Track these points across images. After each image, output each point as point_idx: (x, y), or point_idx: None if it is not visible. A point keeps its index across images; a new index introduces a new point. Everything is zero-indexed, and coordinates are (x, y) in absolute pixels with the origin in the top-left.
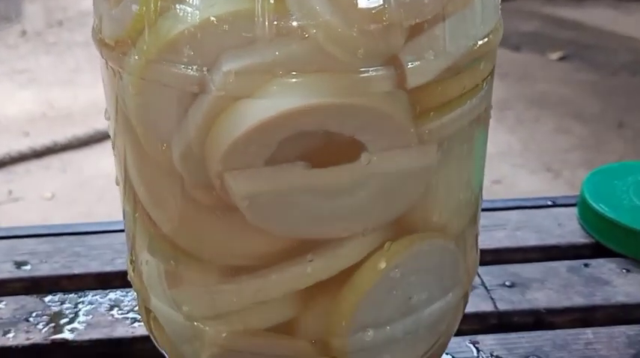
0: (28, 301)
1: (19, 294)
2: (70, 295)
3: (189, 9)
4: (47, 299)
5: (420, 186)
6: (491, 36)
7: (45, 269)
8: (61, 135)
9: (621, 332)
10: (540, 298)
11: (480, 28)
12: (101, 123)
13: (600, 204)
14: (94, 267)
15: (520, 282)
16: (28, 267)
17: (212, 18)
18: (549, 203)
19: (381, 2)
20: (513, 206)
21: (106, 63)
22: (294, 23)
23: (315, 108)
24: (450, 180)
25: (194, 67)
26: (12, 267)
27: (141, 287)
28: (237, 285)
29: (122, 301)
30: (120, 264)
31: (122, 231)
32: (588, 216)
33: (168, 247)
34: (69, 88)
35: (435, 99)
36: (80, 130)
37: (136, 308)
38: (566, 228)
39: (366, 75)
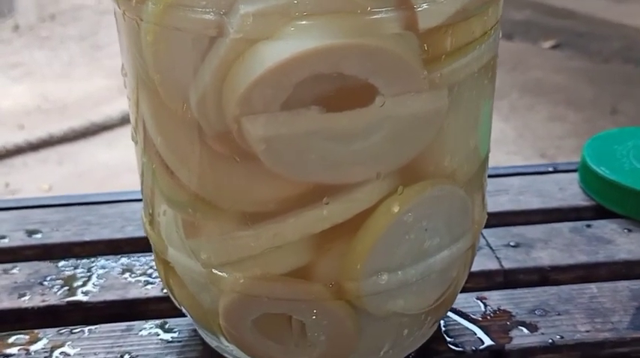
0: (42, 266)
1: (31, 260)
2: (83, 260)
3: None
4: (60, 264)
5: (431, 130)
6: None
7: (57, 237)
8: (57, 127)
9: (624, 286)
10: (544, 257)
11: None
12: (96, 116)
13: (601, 167)
14: (105, 234)
15: (524, 242)
16: (39, 235)
17: None
18: (550, 169)
19: None
20: (515, 172)
21: (123, 14)
22: None
23: (329, 49)
24: (459, 126)
25: (211, 11)
26: (24, 236)
27: (158, 240)
28: (254, 231)
29: (134, 265)
30: (130, 231)
31: (133, 200)
32: (589, 179)
33: (186, 196)
34: (63, 81)
35: (445, 43)
36: (76, 122)
37: (149, 271)
38: (568, 192)
39: (377, 16)
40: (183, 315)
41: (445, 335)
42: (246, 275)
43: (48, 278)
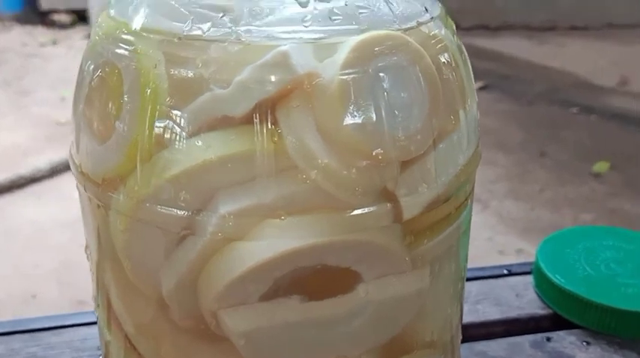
0: None
1: None
2: None
3: (183, 151)
4: None
5: (413, 308)
6: (475, 155)
7: None
8: None
9: None
10: None
11: (466, 150)
12: (24, 168)
13: (556, 275)
14: None
15: None
16: None
17: (208, 161)
18: (505, 272)
19: (377, 143)
20: (473, 276)
21: (89, 199)
22: (293, 166)
23: (314, 248)
24: (440, 298)
25: (187, 209)
26: None
27: None
28: None
29: None
30: None
31: (80, 325)
32: (545, 287)
33: None
34: None
35: (426, 225)
36: (1, 176)
37: None
38: (525, 299)
39: (363, 212)
40: None
41: None
42: None
43: None
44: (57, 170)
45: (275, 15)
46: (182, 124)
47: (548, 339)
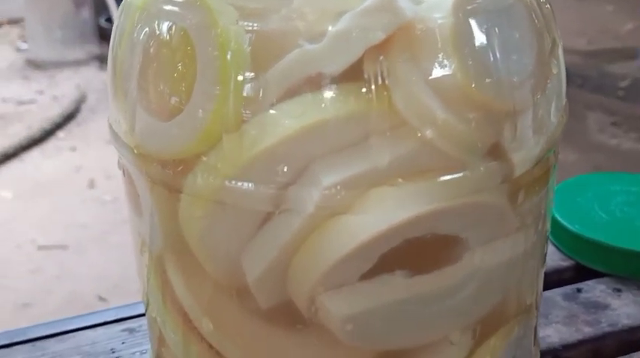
0: None
1: None
2: None
3: (274, 120)
4: None
5: (519, 271)
6: (566, 104)
7: None
8: None
9: None
10: (552, 334)
11: (563, 98)
12: None
13: (575, 225)
14: None
15: None
16: None
17: (305, 127)
18: None
19: (494, 89)
20: None
21: (152, 184)
22: (404, 124)
23: (428, 215)
24: (537, 259)
25: (282, 184)
26: None
27: None
28: None
29: None
30: None
31: (85, 328)
32: (564, 238)
33: None
34: None
35: (531, 182)
36: None
37: None
38: None
39: (478, 171)
40: None
41: None
42: None
43: None
44: None
45: None
46: (270, 88)
47: (579, 290)
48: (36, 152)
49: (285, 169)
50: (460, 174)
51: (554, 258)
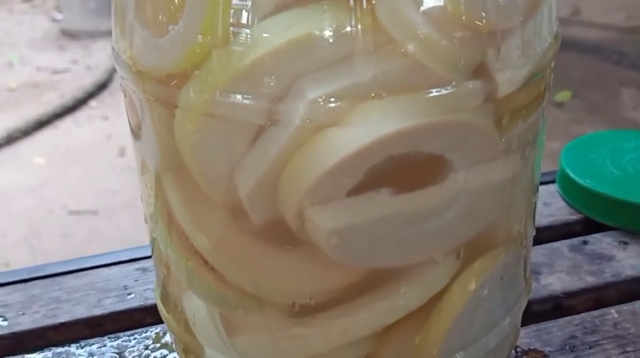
0: None
1: (1, 356)
2: (65, 348)
3: (263, 34)
4: (40, 357)
5: (505, 197)
6: (557, 32)
7: (26, 322)
8: None
9: None
10: (555, 282)
11: (554, 23)
12: None
13: (586, 180)
14: (81, 311)
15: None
16: (5, 323)
17: (293, 41)
18: None
19: (478, 8)
20: None
21: (148, 99)
22: (389, 40)
23: (412, 130)
24: (526, 187)
25: (270, 97)
26: None
27: (190, 341)
28: (320, 328)
29: (126, 347)
30: (110, 304)
31: (100, 266)
32: (574, 192)
33: (234, 295)
34: None
35: (518, 105)
36: None
37: (144, 353)
38: (553, 207)
39: (462, 89)
40: None
41: None
42: None
43: None
44: (13, 137)
45: None
46: (259, 3)
47: (585, 242)
48: (69, 120)
49: (273, 82)
50: (443, 91)
51: (564, 212)
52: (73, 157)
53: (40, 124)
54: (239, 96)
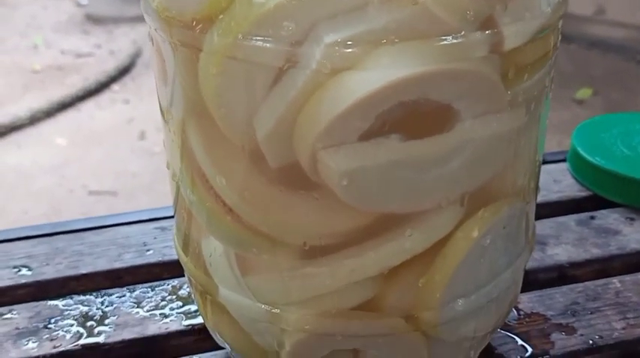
0: (41, 307)
1: (26, 301)
2: (86, 296)
3: None
4: (62, 303)
5: (510, 149)
6: None
7: (50, 272)
8: None
9: None
10: (561, 253)
11: None
12: (2, 117)
13: (596, 157)
14: (102, 264)
15: (538, 240)
16: (29, 272)
17: None
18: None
19: None
20: None
21: (175, 44)
22: None
23: (421, 77)
24: (532, 142)
25: (289, 41)
26: (11, 273)
27: (206, 280)
28: (329, 268)
29: (144, 298)
30: (129, 259)
31: (120, 224)
32: (584, 170)
33: (249, 235)
34: None
35: (525, 61)
36: None
37: (161, 304)
38: (563, 183)
39: (466, 40)
40: (209, 350)
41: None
42: (315, 313)
43: (53, 321)
44: (36, 117)
45: None
46: None
47: (592, 218)
48: (91, 103)
49: (292, 27)
50: (452, 39)
51: (573, 189)
52: (94, 139)
53: (63, 106)
54: (260, 40)
